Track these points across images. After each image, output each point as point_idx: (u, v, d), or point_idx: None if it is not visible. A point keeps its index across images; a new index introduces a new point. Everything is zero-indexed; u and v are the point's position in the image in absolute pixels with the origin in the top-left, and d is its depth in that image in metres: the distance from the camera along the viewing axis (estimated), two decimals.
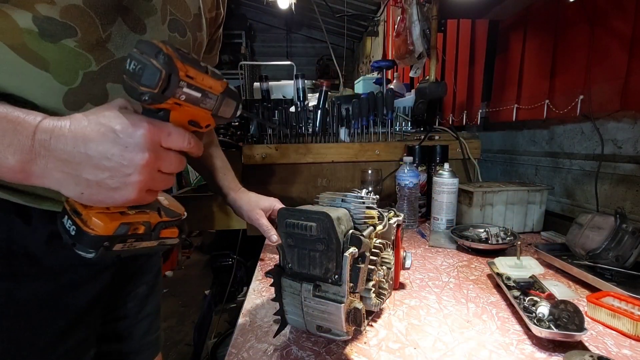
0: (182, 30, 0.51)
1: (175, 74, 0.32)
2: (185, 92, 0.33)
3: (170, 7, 0.49)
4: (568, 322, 0.47)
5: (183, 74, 0.33)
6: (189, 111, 0.36)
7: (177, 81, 0.32)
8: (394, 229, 0.60)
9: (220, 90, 0.37)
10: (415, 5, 1.26)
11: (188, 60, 0.33)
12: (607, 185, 0.92)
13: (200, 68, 0.34)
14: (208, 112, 0.37)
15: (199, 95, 0.35)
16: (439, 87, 1.23)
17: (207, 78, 0.35)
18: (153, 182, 0.35)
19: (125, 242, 0.37)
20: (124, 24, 0.43)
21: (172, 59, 0.32)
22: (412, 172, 1.02)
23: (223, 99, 0.37)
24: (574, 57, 0.96)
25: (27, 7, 0.35)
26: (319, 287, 0.45)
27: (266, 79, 1.43)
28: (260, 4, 3.78)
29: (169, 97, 0.33)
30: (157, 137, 0.33)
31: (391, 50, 2.22)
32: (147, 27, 0.46)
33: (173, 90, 0.32)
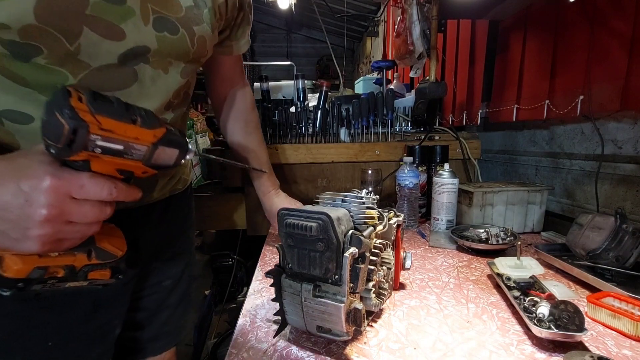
0: (173, 27, 0.48)
1: (83, 128, 0.30)
2: (100, 146, 0.31)
3: (152, 5, 0.45)
4: (568, 322, 0.47)
5: (95, 127, 0.30)
6: (112, 162, 0.33)
7: (84, 135, 0.30)
8: (394, 229, 0.60)
9: (152, 141, 0.34)
10: (415, 6, 1.26)
11: (105, 111, 0.31)
12: (607, 186, 0.92)
13: (124, 117, 0.32)
14: (138, 163, 0.35)
15: (121, 147, 0.33)
16: (439, 87, 1.23)
17: (132, 128, 0.32)
18: (62, 233, 0.33)
19: (45, 283, 0.36)
20: (93, 33, 0.41)
21: (78, 113, 0.29)
22: (412, 172, 1.01)
23: (155, 149, 0.35)
24: (574, 57, 0.96)
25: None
26: (319, 287, 0.45)
27: (266, 79, 1.43)
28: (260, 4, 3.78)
29: (78, 151, 0.31)
30: (64, 190, 0.32)
31: (391, 50, 2.22)
32: (126, 31, 0.43)
33: (81, 144, 0.30)
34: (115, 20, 0.42)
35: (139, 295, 0.65)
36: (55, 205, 0.32)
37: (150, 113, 0.35)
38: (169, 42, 0.48)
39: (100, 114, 0.31)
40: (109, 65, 0.44)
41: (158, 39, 0.47)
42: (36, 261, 0.35)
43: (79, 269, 0.37)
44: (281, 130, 1.25)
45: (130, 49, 0.44)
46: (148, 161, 0.35)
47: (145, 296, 0.66)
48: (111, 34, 0.42)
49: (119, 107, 0.32)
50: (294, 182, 1.25)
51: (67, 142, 0.30)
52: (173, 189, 0.67)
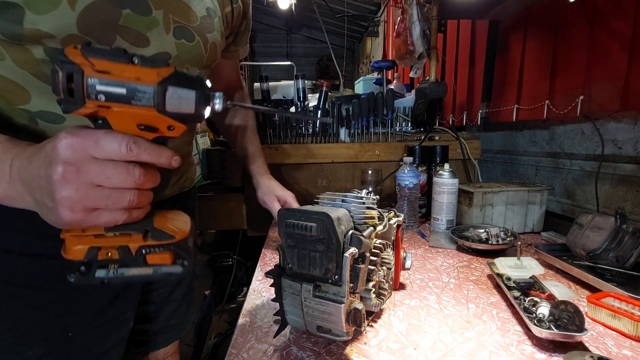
0: (189, 35, 0.53)
1: (77, 71, 0.29)
2: (102, 91, 0.29)
3: (173, 16, 0.50)
4: (568, 322, 0.47)
5: (89, 68, 0.29)
6: (126, 113, 0.31)
7: (80, 79, 0.29)
8: (394, 230, 0.60)
9: (156, 79, 0.31)
10: (416, 6, 1.26)
11: (98, 53, 0.29)
12: (607, 186, 0.92)
13: (119, 58, 0.30)
14: (151, 110, 0.31)
15: (123, 90, 0.30)
16: (439, 88, 1.23)
17: (131, 68, 0.30)
18: (90, 199, 0.31)
19: (108, 268, 0.34)
20: (124, 41, 0.46)
21: (69, 56, 0.28)
22: (412, 172, 1.01)
23: (164, 89, 0.31)
24: (574, 57, 0.96)
25: (38, 42, 0.41)
26: (319, 287, 0.45)
27: (266, 79, 1.43)
28: (260, 4, 3.78)
29: (81, 100, 0.29)
30: (80, 146, 0.30)
31: (391, 50, 2.22)
32: (150, 39, 0.48)
33: (81, 90, 0.29)
34: (142, 29, 0.47)
35: (148, 288, 0.68)
36: (71, 161, 0.30)
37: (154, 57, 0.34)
38: (186, 48, 0.53)
39: (94, 56, 0.29)
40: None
41: (177, 45, 0.51)
42: (90, 241, 0.33)
43: (135, 251, 0.34)
44: (281, 130, 1.25)
45: (153, 55, 0.49)
46: (161, 106, 0.31)
47: (154, 289, 0.69)
48: (138, 41, 0.47)
49: (115, 50, 0.30)
50: (294, 182, 1.25)
51: (66, 90, 0.29)
52: (182, 187, 0.71)
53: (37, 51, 0.41)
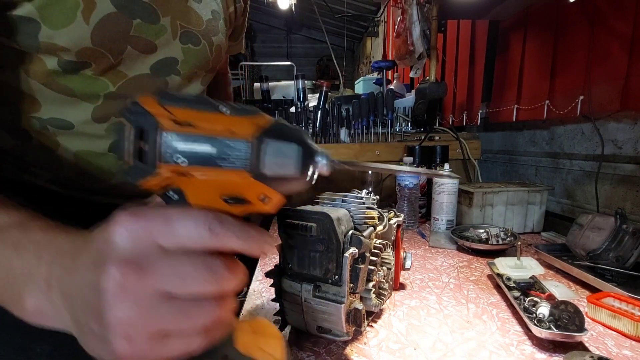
0: (195, 39, 0.53)
1: (151, 124, 0.21)
2: (182, 150, 0.21)
3: (180, 22, 0.50)
4: (568, 322, 0.47)
5: (166, 119, 0.21)
6: (210, 180, 0.22)
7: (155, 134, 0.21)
8: (394, 230, 0.60)
9: (253, 133, 0.22)
10: (415, 6, 1.26)
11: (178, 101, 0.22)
12: (607, 186, 0.92)
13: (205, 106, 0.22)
14: (244, 174, 0.22)
15: (210, 147, 0.22)
16: (439, 88, 1.23)
17: (221, 118, 0.22)
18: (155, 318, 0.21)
19: None
20: (134, 50, 0.47)
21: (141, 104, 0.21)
22: None
23: (263, 145, 0.22)
24: (574, 57, 0.96)
25: (53, 54, 0.41)
26: (319, 287, 0.45)
27: (266, 79, 1.43)
28: (261, 5, 3.78)
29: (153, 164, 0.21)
30: (146, 234, 0.21)
31: (391, 50, 2.22)
32: (158, 45, 0.49)
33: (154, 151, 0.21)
34: (151, 37, 0.47)
35: None
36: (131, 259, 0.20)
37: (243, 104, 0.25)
38: (192, 52, 0.53)
39: (172, 104, 0.22)
40: (143, 75, 0.49)
41: (184, 50, 0.52)
42: None
43: None
44: None
45: (160, 60, 0.50)
46: (257, 168, 0.22)
47: None
48: (147, 49, 0.48)
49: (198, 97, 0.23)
50: None
51: (135, 150, 0.21)
52: None
53: (50, 62, 0.42)
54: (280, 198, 0.24)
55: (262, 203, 0.24)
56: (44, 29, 0.38)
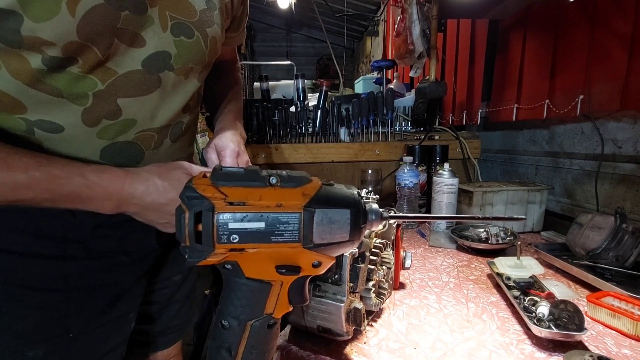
0: (188, 31, 0.51)
1: (207, 207, 0.22)
2: (235, 230, 0.22)
3: (170, 12, 0.48)
4: (568, 322, 0.47)
5: (221, 202, 0.22)
6: (262, 254, 0.24)
7: (210, 218, 0.22)
8: (393, 229, 0.60)
9: (302, 203, 0.23)
10: (415, 5, 1.26)
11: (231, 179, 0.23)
12: (607, 185, 0.92)
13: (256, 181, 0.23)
14: (296, 246, 0.24)
15: (262, 225, 0.23)
16: (439, 87, 1.23)
17: (270, 192, 0.23)
18: None
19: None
20: (121, 44, 0.44)
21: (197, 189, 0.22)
22: (412, 172, 1.01)
23: (312, 213, 0.23)
24: (574, 57, 0.95)
25: (37, 50, 0.39)
26: (319, 287, 0.45)
27: (266, 78, 1.43)
28: (260, 4, 3.78)
29: (211, 246, 0.22)
30: None
31: (391, 50, 2.22)
32: (146, 38, 0.46)
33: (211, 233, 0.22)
34: (137, 29, 0.45)
35: (151, 288, 0.67)
36: None
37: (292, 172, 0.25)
38: (186, 46, 0.51)
39: (226, 183, 0.23)
40: (134, 71, 0.47)
41: (176, 43, 0.49)
42: None
43: None
44: (281, 129, 1.25)
45: (151, 54, 0.47)
46: (308, 240, 0.23)
47: (157, 290, 0.69)
48: (133, 42, 0.45)
49: (248, 171, 0.24)
50: None
51: (193, 234, 0.22)
52: None
53: (34, 60, 0.40)
54: (332, 260, 0.25)
55: (313, 268, 0.25)
56: (27, 22, 0.36)
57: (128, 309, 0.60)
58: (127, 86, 0.47)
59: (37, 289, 0.49)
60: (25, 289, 0.49)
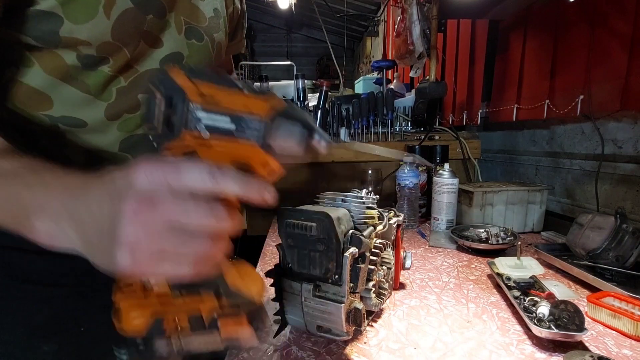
0: (199, 35, 0.55)
1: (179, 94, 0.24)
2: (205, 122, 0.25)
3: (184, 18, 0.52)
4: (568, 322, 0.47)
5: (194, 93, 0.24)
6: (224, 150, 0.26)
7: (182, 106, 0.24)
8: (394, 229, 0.60)
9: (268, 112, 0.26)
10: (415, 5, 1.26)
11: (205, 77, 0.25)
12: (607, 185, 0.92)
13: (228, 84, 0.25)
14: (254, 145, 0.26)
15: (229, 120, 0.25)
16: (439, 87, 1.23)
17: (241, 96, 0.25)
18: (158, 241, 0.25)
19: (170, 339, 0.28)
20: (145, 45, 0.48)
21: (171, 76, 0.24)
22: (412, 172, 1.01)
23: (274, 123, 0.26)
24: (574, 57, 0.95)
25: (72, 48, 0.42)
26: (319, 287, 0.45)
27: (266, 79, 1.43)
28: (260, 4, 3.78)
29: (179, 131, 0.24)
30: (159, 174, 0.25)
31: (391, 50, 2.22)
32: (163, 40, 0.50)
33: (181, 119, 0.24)
34: (157, 32, 0.49)
35: None
36: (147, 195, 0.24)
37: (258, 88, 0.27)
38: (196, 48, 0.54)
39: (198, 77, 0.25)
40: (152, 69, 0.50)
41: (188, 45, 0.53)
42: (155, 307, 0.27)
43: (208, 318, 0.28)
44: None
45: (167, 55, 0.51)
46: (267, 142, 0.26)
47: None
48: (154, 43, 0.49)
49: (222, 76, 0.26)
50: (294, 182, 1.25)
51: (165, 117, 0.24)
52: None
53: (69, 57, 0.42)
54: (280, 168, 0.29)
55: (262, 170, 0.28)
56: (67, 24, 0.39)
57: None
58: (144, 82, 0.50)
59: (48, 285, 0.51)
60: (36, 285, 0.50)
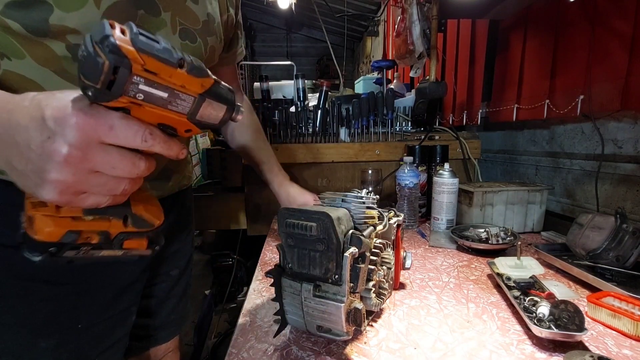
0: (192, 37, 0.56)
1: (126, 66, 0.25)
2: (142, 90, 0.27)
3: (179, 18, 0.53)
4: (568, 322, 0.47)
5: (139, 66, 0.26)
6: (153, 113, 0.29)
7: (126, 76, 0.26)
8: (394, 229, 0.60)
9: (199, 91, 0.30)
10: (415, 5, 1.26)
11: (150, 50, 0.27)
12: (607, 185, 0.92)
13: (170, 61, 0.28)
14: (182, 116, 0.30)
15: (165, 95, 0.28)
16: (439, 87, 1.23)
17: (179, 74, 0.28)
18: (84, 184, 0.29)
19: (79, 250, 0.32)
20: None
21: (120, 48, 0.25)
22: (412, 172, 1.01)
23: (203, 100, 0.31)
24: (574, 56, 0.95)
25: (60, 38, 0.42)
26: (319, 287, 0.45)
27: (266, 79, 1.43)
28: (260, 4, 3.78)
29: (118, 95, 0.26)
30: (92, 130, 0.28)
31: (391, 50, 2.22)
32: None
33: (122, 86, 0.26)
34: (152, 29, 0.49)
35: (151, 282, 0.70)
36: (79, 145, 0.27)
37: (197, 60, 0.30)
38: (189, 49, 0.55)
39: (145, 52, 0.26)
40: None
41: (182, 46, 0.54)
42: (69, 224, 0.31)
43: (114, 237, 0.34)
44: (281, 130, 1.25)
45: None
46: (193, 116, 0.31)
47: (156, 284, 0.71)
48: None
49: (165, 47, 0.28)
50: (294, 181, 1.25)
51: (107, 82, 0.26)
52: (181, 185, 0.73)
53: (58, 48, 0.42)
54: (199, 131, 0.34)
55: (185, 133, 0.33)
56: (56, 12, 0.40)
57: (131, 303, 0.63)
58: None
59: (47, 283, 0.51)
60: (36, 282, 0.51)
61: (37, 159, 0.28)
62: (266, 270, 0.75)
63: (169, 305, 0.74)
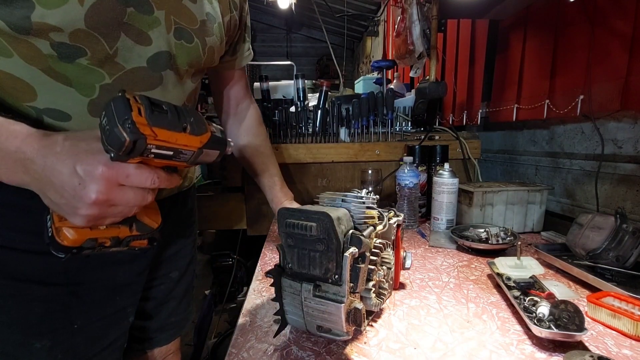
0: (189, 37, 0.54)
1: (142, 140, 0.33)
2: (154, 152, 0.35)
3: (174, 17, 0.52)
4: (568, 322, 0.47)
5: (152, 138, 0.34)
6: (161, 163, 0.38)
7: (143, 146, 0.33)
8: (394, 229, 0.60)
9: (198, 146, 0.39)
10: (415, 5, 1.26)
11: (162, 123, 0.34)
12: (607, 185, 0.92)
13: (176, 127, 0.36)
14: (183, 163, 0.39)
15: (171, 153, 0.37)
16: (439, 87, 1.23)
17: (183, 137, 0.37)
18: (106, 214, 0.38)
19: (94, 249, 0.41)
20: (128, 39, 0.47)
21: (138, 127, 0.32)
22: (412, 172, 1.01)
23: (201, 152, 0.39)
24: (574, 56, 0.95)
25: (43, 36, 0.41)
26: (319, 287, 0.45)
27: (266, 79, 1.43)
28: (260, 4, 3.78)
29: (134, 156, 0.34)
30: (114, 179, 0.36)
31: (391, 50, 2.22)
32: (152, 37, 0.49)
33: (138, 153, 0.34)
34: (144, 28, 0.48)
35: (150, 285, 0.69)
36: (104, 192, 0.36)
37: (199, 119, 0.38)
38: (185, 49, 0.54)
39: (157, 126, 0.34)
40: (139, 68, 0.50)
41: (176, 46, 0.53)
42: (88, 233, 0.39)
43: (122, 239, 0.42)
44: (281, 130, 1.25)
45: (156, 53, 0.51)
46: (192, 162, 0.40)
47: (155, 286, 0.70)
48: (141, 39, 0.48)
49: (172, 117, 0.36)
50: (294, 182, 1.25)
51: (127, 151, 0.33)
52: (181, 186, 0.72)
53: (43, 46, 0.42)
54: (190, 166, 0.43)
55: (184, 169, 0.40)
56: (38, 9, 0.39)
57: (126, 304, 0.62)
58: (132, 81, 0.50)
59: (40, 283, 0.51)
60: (29, 283, 0.50)
61: (71, 198, 0.36)
62: (266, 270, 0.75)
63: (169, 308, 0.74)
